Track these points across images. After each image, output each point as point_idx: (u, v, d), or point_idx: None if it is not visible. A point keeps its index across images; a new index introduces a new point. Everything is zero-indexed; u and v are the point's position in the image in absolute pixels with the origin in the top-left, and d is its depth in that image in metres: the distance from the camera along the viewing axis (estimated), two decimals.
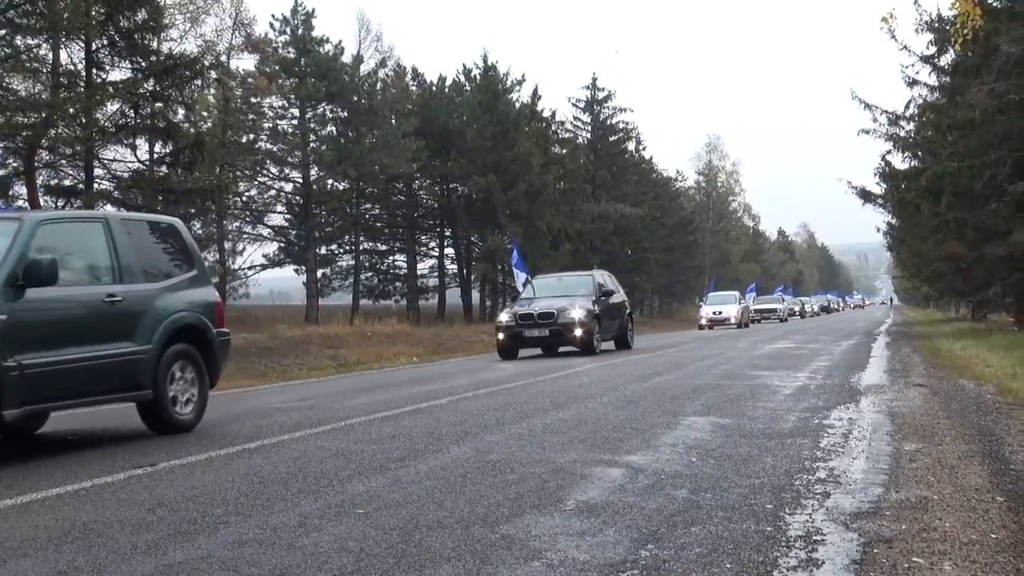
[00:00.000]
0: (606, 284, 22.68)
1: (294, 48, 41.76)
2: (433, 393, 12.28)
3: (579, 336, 20.32)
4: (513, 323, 20.76)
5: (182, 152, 23.42)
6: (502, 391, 12.23)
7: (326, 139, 42.24)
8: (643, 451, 6.90)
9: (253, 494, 5.71)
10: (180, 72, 22.85)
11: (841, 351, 20.17)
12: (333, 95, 41.04)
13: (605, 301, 21.74)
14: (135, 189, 23.96)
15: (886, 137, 30.37)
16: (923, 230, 32.05)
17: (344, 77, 41.70)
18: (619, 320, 22.75)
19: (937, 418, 8.55)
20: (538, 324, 20.52)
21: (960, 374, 13.39)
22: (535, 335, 20.58)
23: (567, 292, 21.82)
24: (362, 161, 40.24)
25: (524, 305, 21.41)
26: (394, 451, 7.19)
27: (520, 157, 45.99)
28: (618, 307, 22.79)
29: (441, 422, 8.96)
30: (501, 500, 5.28)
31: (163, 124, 23.60)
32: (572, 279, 23.40)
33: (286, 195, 45.18)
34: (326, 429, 8.77)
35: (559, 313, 20.48)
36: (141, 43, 23.34)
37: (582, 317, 20.39)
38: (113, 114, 23.06)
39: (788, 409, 9.38)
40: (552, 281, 23.76)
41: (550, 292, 22.20)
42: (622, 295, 23.70)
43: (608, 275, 24.17)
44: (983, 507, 4.98)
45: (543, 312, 20.59)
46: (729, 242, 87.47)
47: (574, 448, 7.08)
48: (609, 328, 21.89)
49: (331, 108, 42.45)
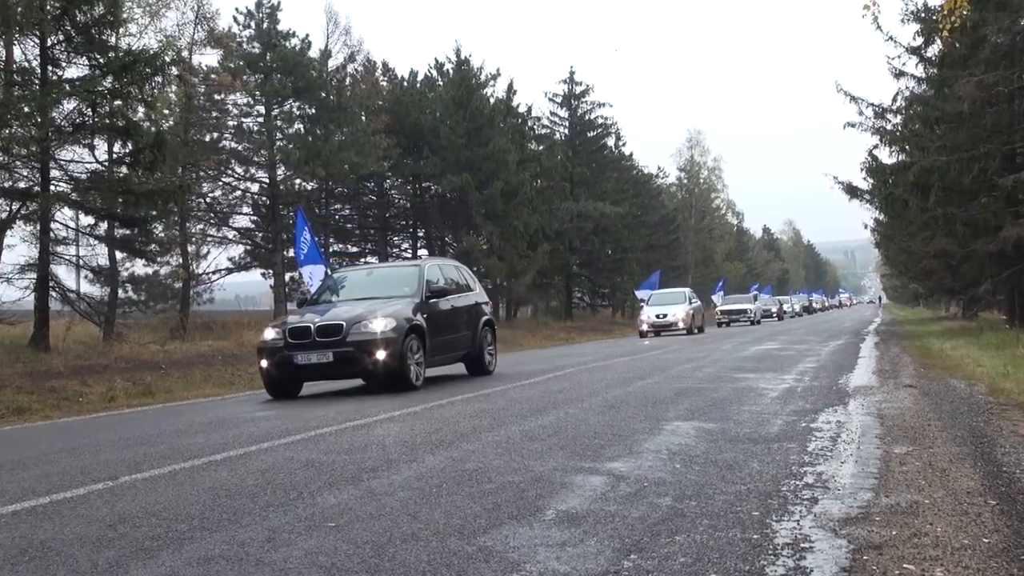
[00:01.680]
0: (439, 280, 15.91)
1: (259, 43, 41.59)
2: (406, 402, 12.24)
3: (382, 361, 13.40)
4: (281, 342, 13.85)
5: (142, 152, 23.25)
6: (479, 397, 12.24)
7: (293, 137, 42.08)
8: (625, 458, 6.90)
9: (219, 508, 5.67)
10: (140, 69, 22.69)
11: (829, 352, 20.26)
12: (300, 91, 40.89)
13: (435, 305, 15.22)
14: (93, 191, 23.80)
15: (872, 131, 30.57)
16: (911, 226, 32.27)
17: (311, 73, 41.55)
18: (466, 334, 16.24)
19: (927, 420, 8.60)
20: (318, 344, 13.62)
21: (951, 374, 13.48)
22: (313, 361, 13.59)
23: (377, 292, 15.32)
24: (331, 160, 40.09)
25: (303, 314, 14.59)
26: (367, 461, 7.17)
27: (495, 154, 46.00)
28: (462, 313, 16.21)
29: (415, 431, 8.94)
30: (478, 511, 5.27)
31: (122, 123, 23.43)
32: (388, 272, 16.97)
33: (252, 196, 44.94)
34: (296, 439, 8.73)
35: (350, 326, 13.61)
36: (99, 39, 23.17)
37: (386, 331, 13.55)
38: (70, 113, 22.88)
39: (775, 412, 9.41)
40: (358, 276, 17.21)
41: (352, 293, 15.71)
42: (474, 295, 17.08)
43: (455, 265, 17.89)
44: (975, 511, 5.01)
45: (326, 326, 13.70)
46: (712, 241, 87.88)
47: (553, 456, 7.08)
48: (444, 347, 15.38)
49: (298, 105, 42.27)
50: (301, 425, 9.86)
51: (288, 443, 8.49)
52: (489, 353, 16.93)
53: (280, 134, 42.18)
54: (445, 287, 15.84)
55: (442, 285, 15.76)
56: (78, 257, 26.13)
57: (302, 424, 9.97)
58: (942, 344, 20.93)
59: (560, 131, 61.82)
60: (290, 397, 14.14)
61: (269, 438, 8.86)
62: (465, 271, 17.93)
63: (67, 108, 22.89)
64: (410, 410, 10.91)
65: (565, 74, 62.29)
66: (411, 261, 20.03)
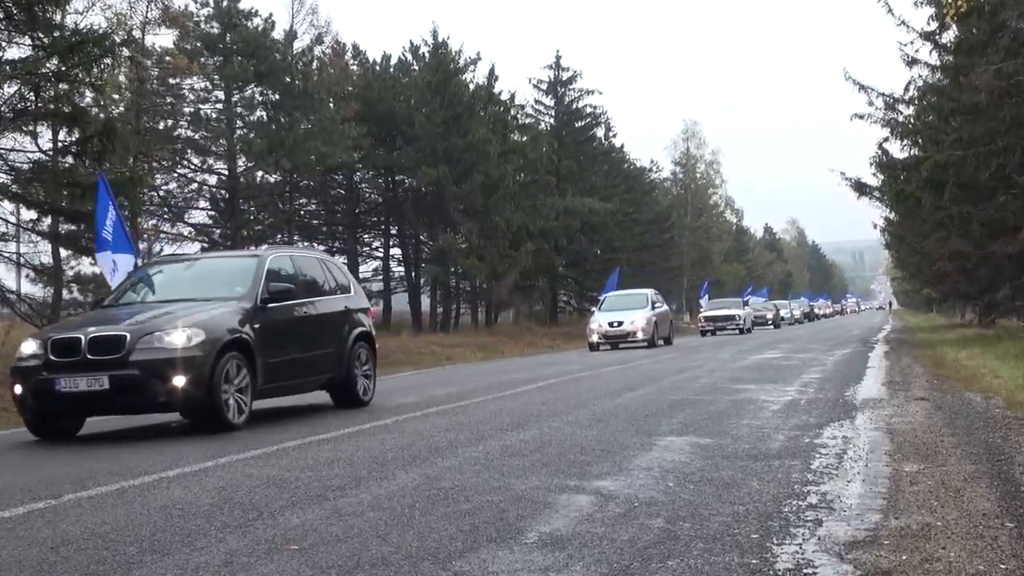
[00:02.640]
0: (288, 277, 12.71)
1: (218, 22, 41.51)
2: (376, 414, 12.23)
3: (180, 389, 10.43)
4: (40, 360, 10.79)
5: (90, 140, 23.11)
6: (455, 409, 12.23)
7: (255, 125, 42.02)
8: (614, 475, 6.91)
9: (172, 529, 5.64)
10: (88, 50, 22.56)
11: (835, 361, 20.34)
12: (263, 76, 40.82)
13: (278, 312, 12.06)
14: (36, 183, 23.65)
15: (883, 123, 30.66)
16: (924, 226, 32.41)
17: (275, 55, 41.51)
18: (327, 351, 12.94)
19: (941, 435, 8.64)
20: (89, 365, 10.48)
21: (966, 386, 13.54)
22: (81, 389, 10.43)
23: (197, 292, 12.12)
24: (296, 150, 40.03)
25: (80, 326, 11.20)
26: (332, 479, 7.15)
27: (475, 145, 46.04)
28: (323, 323, 13.01)
29: (386, 445, 8.93)
30: (454, 533, 5.27)
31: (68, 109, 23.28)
32: (214, 265, 14.17)
33: (210, 189, 44.89)
34: (255, 455, 8.70)
35: (136, 339, 10.54)
36: (42, 17, 23.03)
37: (190, 347, 10.54)
38: (11, 97, 22.75)
39: (776, 427, 9.44)
40: (175, 271, 13.93)
41: (165, 293, 12.42)
42: (344, 299, 13.77)
43: (319, 259, 14.51)
44: (991, 534, 5.03)
45: (101, 338, 10.60)
46: (710, 240, 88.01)
47: (536, 473, 7.09)
48: (290, 369, 12.18)
49: (260, 90, 42.21)
50: (261, 439, 9.83)
51: (247, 459, 8.45)
52: (365, 376, 13.62)
53: (240, 122, 42.12)
54: (294, 287, 12.49)
55: (289, 285, 12.37)
56: (19, 255, 25.96)
57: (262, 438, 9.93)
58: (957, 353, 21.02)
59: (545, 121, 61.91)
60: (64, 436, 11.10)
61: (226, 453, 8.83)
62: (335, 266, 14.71)
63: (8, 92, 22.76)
64: (380, 423, 10.90)
65: (551, 59, 62.34)
66: (251, 251, 16.29)
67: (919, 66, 30.25)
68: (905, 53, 29.83)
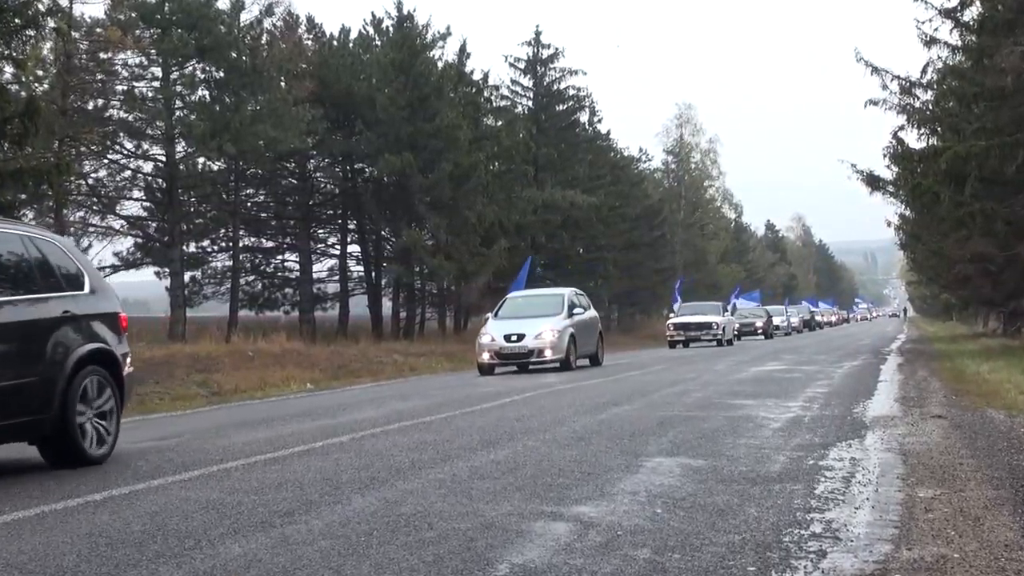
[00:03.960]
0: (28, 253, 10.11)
1: None
2: (331, 429, 12.23)
3: None
4: None
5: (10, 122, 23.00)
6: (419, 426, 12.23)
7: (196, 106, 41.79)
8: (595, 500, 6.92)
9: (98, 560, 5.62)
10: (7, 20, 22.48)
11: (843, 374, 20.43)
12: (205, 50, 40.61)
13: None
14: None
15: (898, 109, 30.84)
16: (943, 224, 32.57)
17: (219, 28, 41.30)
18: (26, 382, 9.41)
19: (959, 458, 8.69)
20: None
21: (988, 403, 13.61)
22: None
23: None
24: (242, 134, 39.83)
25: None
26: (280, 503, 7.14)
27: (443, 130, 45.95)
28: (17, 341, 9.53)
29: (341, 466, 8.92)
30: (415, 564, 5.26)
31: None
32: None
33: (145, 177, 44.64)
34: (194, 476, 8.69)
35: None
36: None
37: None
38: None
39: (776, 447, 9.47)
40: None
41: None
42: (63, 302, 10.19)
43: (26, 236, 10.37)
44: (1014, 567, 5.06)
45: None
46: (705, 239, 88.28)
47: (509, 497, 7.09)
48: None
49: (203, 67, 41.99)
50: (201, 458, 9.80)
51: (184, 480, 8.44)
52: (99, 417, 10.18)
53: (180, 102, 41.87)
54: None
55: None
56: None
57: (202, 457, 9.90)
58: (978, 366, 21.14)
59: (523, 103, 61.92)
60: None
61: (161, 474, 8.80)
62: (56, 247, 10.85)
63: None
64: (335, 440, 10.88)
65: (529, 34, 62.18)
66: None
67: (938, 46, 30.42)
68: (923, 32, 30.01)
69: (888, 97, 30.93)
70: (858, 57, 30.48)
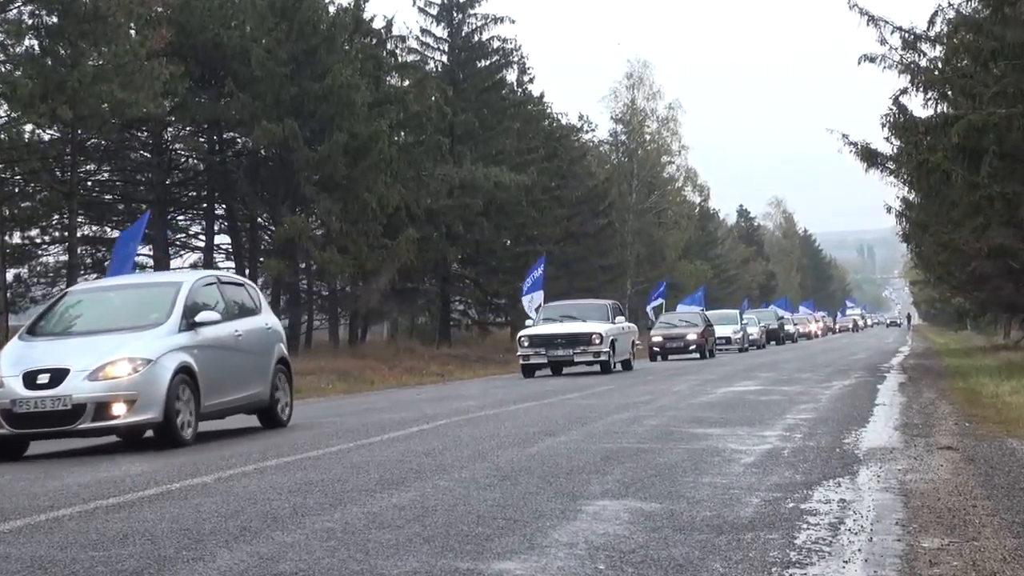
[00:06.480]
0: None
1: None
2: (191, 467, 12.12)
3: None
4: None
5: None
6: (303, 462, 12.19)
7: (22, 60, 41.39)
8: (523, 555, 6.93)
9: None
10: None
11: (831, 397, 20.59)
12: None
13: None
14: None
15: (900, 68, 31.03)
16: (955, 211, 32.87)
17: None
18: None
19: (972, 499, 8.78)
20: None
21: (1009, 431, 13.77)
22: None
23: None
24: (81, 95, 39.47)
25: None
26: (126, 561, 7.08)
27: (336, 92, 45.83)
28: None
29: (203, 513, 8.86)
30: None
31: None
32: None
33: None
34: (16, 527, 8.61)
35: None
36: None
37: None
38: None
39: (748, 487, 9.52)
40: None
41: None
42: None
43: None
44: None
45: None
46: (663, 228, 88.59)
47: (414, 551, 7.08)
48: None
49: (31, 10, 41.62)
50: (23, 505, 9.69)
51: (4, 533, 8.36)
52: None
53: (2, 55, 41.43)
54: None
55: None
56: None
57: (24, 503, 9.79)
58: (997, 386, 21.36)
59: (435, 59, 62.00)
60: None
61: None
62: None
63: None
64: (195, 481, 10.79)
65: None
66: None
67: None
68: None
69: (888, 53, 31.11)
70: (851, 3, 30.67)
